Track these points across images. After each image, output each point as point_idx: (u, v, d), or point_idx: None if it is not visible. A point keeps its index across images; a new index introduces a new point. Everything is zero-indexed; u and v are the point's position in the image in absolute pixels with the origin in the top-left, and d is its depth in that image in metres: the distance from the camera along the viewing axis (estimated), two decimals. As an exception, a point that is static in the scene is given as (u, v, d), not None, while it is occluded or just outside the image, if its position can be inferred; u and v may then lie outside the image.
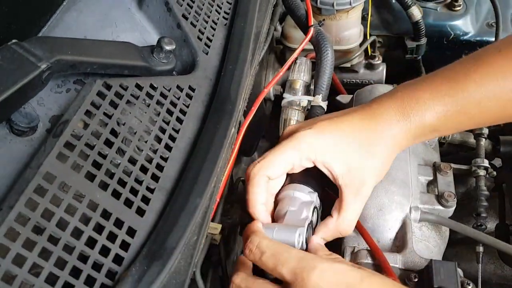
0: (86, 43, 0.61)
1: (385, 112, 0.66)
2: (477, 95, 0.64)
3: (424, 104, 0.65)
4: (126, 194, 0.52)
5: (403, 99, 0.66)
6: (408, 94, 0.66)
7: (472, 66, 0.65)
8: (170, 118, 0.61)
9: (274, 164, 0.64)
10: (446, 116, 0.65)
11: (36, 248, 0.43)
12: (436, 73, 0.68)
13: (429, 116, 0.65)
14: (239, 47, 0.73)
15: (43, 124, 0.58)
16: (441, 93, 0.64)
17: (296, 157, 0.65)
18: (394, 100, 0.66)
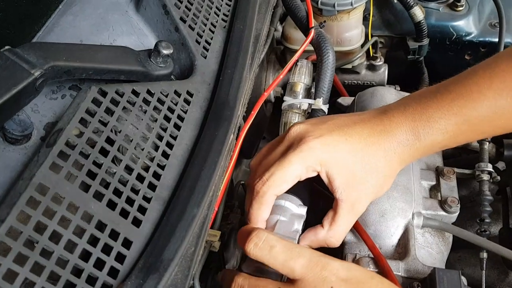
0: (81, 48, 0.60)
1: (395, 130, 0.64)
2: (490, 113, 0.63)
3: (436, 123, 0.63)
4: (122, 204, 0.51)
5: (414, 117, 0.64)
6: (420, 112, 0.64)
7: (486, 81, 0.63)
8: (168, 125, 0.60)
9: (282, 181, 0.63)
10: (456, 134, 0.64)
11: (28, 263, 0.42)
12: (447, 86, 0.66)
13: (439, 135, 0.64)
14: (238, 51, 0.72)
15: (38, 131, 0.57)
16: (453, 111, 0.63)
17: (303, 171, 0.63)
18: (405, 117, 0.65)
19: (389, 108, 0.68)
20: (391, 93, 0.88)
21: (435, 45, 1.16)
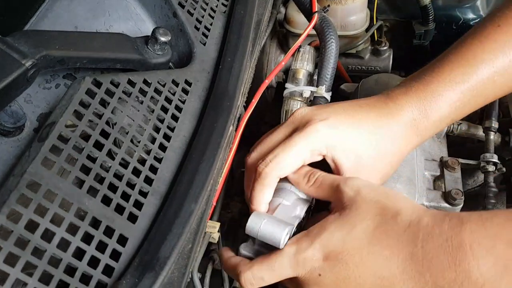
0: (75, 36, 0.57)
1: (401, 112, 0.63)
2: (490, 74, 0.63)
3: (441, 96, 0.63)
4: (117, 199, 0.50)
5: (419, 95, 0.63)
6: (423, 89, 0.63)
7: (478, 46, 0.64)
8: (165, 116, 0.58)
9: (287, 164, 0.61)
10: (463, 103, 0.64)
11: (19, 263, 0.41)
12: (442, 60, 0.66)
13: (446, 108, 0.63)
14: (238, 37, 0.70)
15: (31, 123, 0.55)
16: (455, 81, 0.63)
17: (308, 154, 0.61)
18: (410, 97, 0.64)
19: (393, 92, 0.66)
20: (396, 80, 0.86)
21: (441, 30, 1.13)
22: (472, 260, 0.47)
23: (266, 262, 0.56)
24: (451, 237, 0.49)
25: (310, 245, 0.54)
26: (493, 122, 0.81)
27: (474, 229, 0.49)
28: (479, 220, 0.50)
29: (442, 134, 0.83)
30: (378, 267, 0.51)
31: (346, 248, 0.52)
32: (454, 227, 0.50)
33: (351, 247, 0.52)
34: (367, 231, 0.52)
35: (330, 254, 0.53)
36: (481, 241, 0.48)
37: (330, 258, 0.53)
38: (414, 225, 0.52)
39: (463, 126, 0.84)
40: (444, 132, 0.83)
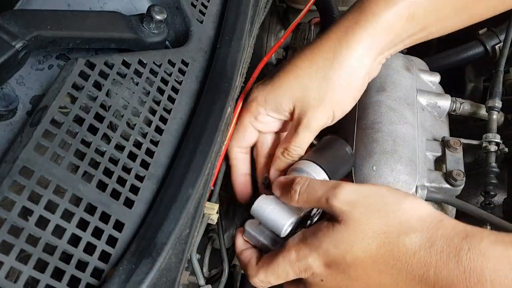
0: (67, 15, 0.55)
1: (350, 30, 0.62)
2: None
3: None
4: (112, 184, 0.49)
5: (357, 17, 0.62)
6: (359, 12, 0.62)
7: None
8: (161, 98, 0.57)
9: (240, 137, 0.66)
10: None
11: (14, 251, 0.40)
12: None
13: (403, 2, 0.60)
14: (236, 15, 0.68)
15: (24, 105, 0.54)
16: None
17: (253, 122, 0.65)
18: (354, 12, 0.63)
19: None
20: (398, 58, 0.84)
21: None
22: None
23: (270, 268, 0.56)
24: (470, 269, 0.46)
25: (310, 254, 0.53)
26: (496, 102, 0.80)
27: (497, 264, 0.46)
28: (504, 254, 0.47)
29: (444, 114, 0.82)
30: (384, 284, 0.51)
31: (347, 262, 0.52)
32: (474, 260, 0.47)
33: (352, 262, 0.51)
34: (369, 250, 0.51)
35: (331, 263, 0.53)
36: (503, 280, 0.46)
37: (331, 267, 0.53)
38: (425, 249, 0.49)
39: (465, 105, 0.83)
40: (446, 111, 0.82)
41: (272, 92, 0.64)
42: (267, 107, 0.65)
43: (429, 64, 0.91)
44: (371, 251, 0.51)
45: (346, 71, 0.61)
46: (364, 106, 0.78)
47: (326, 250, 0.52)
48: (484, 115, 0.83)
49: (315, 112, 0.62)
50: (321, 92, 0.61)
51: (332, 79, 0.61)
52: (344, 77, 0.62)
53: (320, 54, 0.62)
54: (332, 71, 0.61)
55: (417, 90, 0.80)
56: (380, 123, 0.74)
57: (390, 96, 0.77)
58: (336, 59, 0.61)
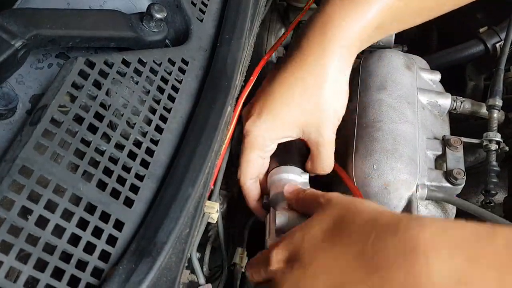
0: (67, 14, 0.55)
1: (317, 43, 0.65)
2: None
3: (359, 3, 0.63)
4: (112, 184, 0.49)
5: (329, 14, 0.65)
6: (338, 4, 0.64)
7: None
8: (161, 96, 0.57)
9: (251, 171, 0.70)
10: (382, 8, 0.63)
11: (13, 251, 0.40)
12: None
13: (369, 15, 0.63)
14: (237, 14, 0.67)
15: (23, 104, 0.54)
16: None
17: (261, 154, 0.69)
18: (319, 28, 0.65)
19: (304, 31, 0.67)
20: (399, 57, 0.84)
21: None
22: (424, 266, 0.42)
23: (255, 265, 0.58)
24: (406, 238, 0.44)
25: (276, 246, 0.53)
26: (497, 100, 0.80)
27: (434, 234, 0.44)
28: (443, 228, 0.44)
29: (444, 112, 0.82)
30: (329, 266, 0.48)
31: (303, 246, 0.50)
32: (411, 228, 0.44)
33: (307, 245, 0.50)
34: (323, 229, 0.50)
35: (291, 254, 0.51)
36: (439, 250, 0.43)
37: (291, 259, 0.51)
38: (369, 224, 0.48)
39: (466, 103, 0.83)
40: (446, 110, 0.82)
41: (275, 126, 0.67)
42: (274, 140, 0.68)
43: (429, 62, 0.91)
44: (324, 230, 0.50)
45: (332, 85, 0.66)
46: (365, 104, 0.78)
47: (289, 239, 0.53)
48: (484, 113, 0.83)
49: (325, 127, 0.66)
50: (322, 109, 0.65)
51: (324, 97, 0.65)
52: (333, 90, 0.66)
53: (305, 78, 0.65)
54: (321, 90, 0.65)
55: (418, 88, 0.80)
56: (381, 122, 0.74)
57: (391, 95, 0.77)
58: (321, 79, 0.65)
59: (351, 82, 0.87)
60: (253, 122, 0.66)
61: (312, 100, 0.65)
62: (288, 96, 0.66)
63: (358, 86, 0.82)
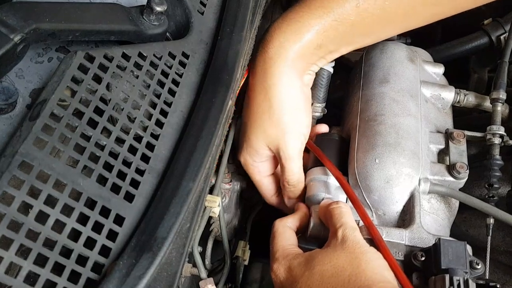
0: (66, 7, 0.55)
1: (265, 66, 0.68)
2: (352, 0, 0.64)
3: (297, 22, 0.66)
4: (113, 179, 0.48)
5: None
6: (278, 23, 0.68)
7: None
8: (162, 90, 0.56)
9: (268, 192, 0.79)
10: (324, 28, 0.66)
11: (13, 246, 0.40)
12: None
13: (306, 34, 0.66)
14: (238, 6, 0.67)
15: (23, 99, 0.53)
16: (314, 6, 0.65)
17: (260, 174, 0.77)
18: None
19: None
20: (402, 49, 0.83)
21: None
22: None
23: None
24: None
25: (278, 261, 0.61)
26: (501, 93, 0.79)
27: None
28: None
29: (447, 106, 0.81)
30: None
31: (302, 279, 0.57)
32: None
33: (306, 280, 0.57)
34: (322, 274, 0.56)
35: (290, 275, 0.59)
36: None
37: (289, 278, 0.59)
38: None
39: (470, 97, 0.82)
40: (450, 103, 0.81)
41: (250, 149, 0.73)
42: (254, 159, 0.74)
43: (433, 55, 0.90)
44: (324, 277, 0.57)
45: (284, 101, 0.69)
46: (367, 98, 0.77)
47: (293, 263, 0.61)
48: (488, 107, 0.82)
49: (286, 143, 0.70)
50: (278, 128, 0.69)
51: (278, 113, 0.69)
52: (286, 105, 0.69)
53: (258, 102, 0.70)
54: (273, 110, 0.69)
55: (421, 81, 0.80)
56: (383, 115, 0.73)
57: (394, 88, 0.77)
58: (271, 98, 0.68)
59: (353, 75, 0.87)
60: (239, 152, 0.76)
61: (267, 121, 0.69)
62: (253, 124, 0.71)
63: (361, 79, 0.81)
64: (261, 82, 0.68)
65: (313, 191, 0.72)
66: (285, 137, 0.69)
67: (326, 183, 0.72)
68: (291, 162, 0.71)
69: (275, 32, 0.67)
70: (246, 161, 0.74)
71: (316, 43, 0.67)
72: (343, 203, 0.67)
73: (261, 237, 0.76)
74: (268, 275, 0.66)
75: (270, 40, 0.67)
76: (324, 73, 0.80)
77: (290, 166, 0.71)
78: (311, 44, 0.67)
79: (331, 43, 0.68)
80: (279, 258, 0.62)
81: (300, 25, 0.66)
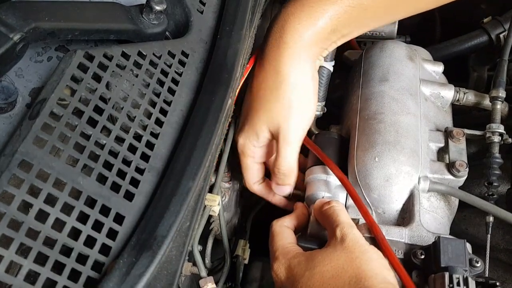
0: (66, 6, 0.55)
1: (278, 51, 0.67)
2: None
3: (311, 8, 0.65)
4: (112, 177, 0.49)
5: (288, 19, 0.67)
6: (291, 8, 0.67)
7: None
8: (161, 89, 0.56)
9: (252, 177, 0.77)
10: (338, 13, 0.65)
11: (13, 245, 0.40)
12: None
13: (320, 20, 0.65)
14: (237, 5, 0.67)
15: (23, 98, 0.53)
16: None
17: (253, 160, 0.75)
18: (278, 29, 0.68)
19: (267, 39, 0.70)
20: (401, 48, 0.83)
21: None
22: None
23: None
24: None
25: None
26: (500, 91, 0.79)
27: None
28: None
29: (447, 104, 0.81)
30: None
31: (303, 279, 0.57)
32: None
33: (306, 280, 0.57)
34: (323, 275, 0.56)
35: (290, 274, 0.59)
36: None
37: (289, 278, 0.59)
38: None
39: (469, 95, 0.82)
40: (449, 101, 0.81)
41: (251, 131, 0.71)
42: (255, 144, 0.73)
43: (432, 53, 0.90)
44: (325, 277, 0.57)
45: (296, 84, 0.68)
46: (367, 96, 0.77)
47: (293, 263, 0.61)
48: (488, 105, 0.82)
49: (289, 126, 0.68)
50: (284, 109, 0.68)
51: (287, 96, 0.68)
52: (297, 89, 0.68)
53: (267, 84, 0.69)
54: (283, 91, 0.68)
55: (420, 80, 0.80)
56: (383, 114, 0.73)
57: (393, 86, 0.77)
58: (283, 81, 0.67)
59: (353, 73, 0.87)
60: (238, 133, 0.74)
61: (274, 101, 0.68)
62: (258, 106, 0.70)
63: (360, 78, 0.81)
64: (274, 66, 0.67)
65: (313, 190, 0.72)
66: (289, 119, 0.68)
67: (326, 182, 0.72)
68: (287, 147, 0.70)
69: (289, 18, 0.66)
70: (244, 144, 0.73)
71: (330, 28, 0.67)
72: (335, 202, 0.67)
73: (261, 235, 0.76)
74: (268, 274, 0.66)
75: (285, 25, 0.67)
76: (324, 72, 0.80)
77: (286, 152, 0.70)
78: (325, 29, 0.67)
79: (344, 28, 0.68)
80: (279, 256, 0.62)
81: (314, 11, 0.65)
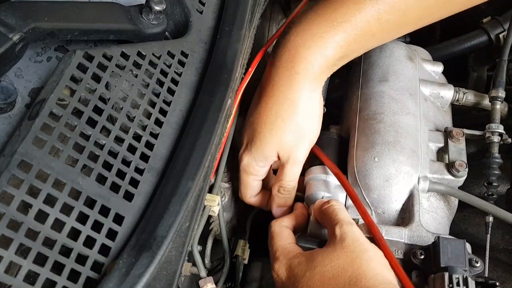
0: (65, 6, 0.55)
1: (287, 73, 0.67)
2: (374, 12, 0.64)
3: (321, 38, 0.65)
4: (112, 178, 0.48)
5: (297, 46, 0.67)
6: (301, 37, 0.66)
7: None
8: (161, 90, 0.56)
9: (251, 192, 0.77)
10: (348, 41, 0.66)
11: (13, 245, 0.40)
12: (323, 2, 0.67)
13: (330, 49, 0.66)
14: (237, 5, 0.67)
15: (22, 98, 0.53)
16: (337, 21, 0.64)
17: (255, 178, 0.75)
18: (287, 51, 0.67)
19: (274, 56, 0.70)
20: (401, 48, 0.83)
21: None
22: None
23: None
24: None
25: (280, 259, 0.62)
26: (499, 91, 0.79)
27: None
28: None
29: (446, 104, 0.81)
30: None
31: (304, 279, 0.57)
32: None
33: (307, 280, 0.57)
34: (323, 275, 0.56)
35: (291, 274, 0.59)
36: None
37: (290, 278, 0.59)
38: None
39: (469, 95, 0.82)
40: (449, 101, 0.81)
41: (259, 153, 0.71)
42: (262, 167, 0.74)
43: (432, 53, 0.90)
44: (324, 277, 0.57)
45: (303, 113, 0.69)
46: (366, 96, 0.77)
47: (293, 262, 0.61)
48: (487, 105, 0.82)
49: (296, 149, 0.70)
50: (296, 137, 0.69)
51: (299, 126, 0.69)
52: (304, 117, 0.69)
53: (278, 112, 0.69)
54: (295, 122, 0.69)
55: (420, 80, 0.80)
56: (382, 114, 0.74)
57: (393, 87, 0.77)
58: (295, 112, 0.68)
59: (352, 73, 0.87)
60: (243, 152, 0.73)
61: (286, 129, 0.69)
62: (267, 131, 0.70)
63: (360, 78, 0.81)
64: (285, 95, 0.68)
65: (313, 190, 0.72)
66: (299, 144, 0.70)
67: (325, 182, 0.72)
68: (295, 166, 0.71)
69: (300, 48, 0.66)
70: (249, 164, 0.73)
71: (339, 56, 0.67)
72: (335, 201, 0.67)
73: (260, 236, 0.76)
74: (268, 274, 0.66)
75: (296, 55, 0.67)
76: (323, 72, 0.80)
77: (293, 170, 0.71)
78: (335, 57, 0.67)
79: (352, 53, 0.69)
80: (280, 257, 0.62)
81: (325, 41, 0.65)
